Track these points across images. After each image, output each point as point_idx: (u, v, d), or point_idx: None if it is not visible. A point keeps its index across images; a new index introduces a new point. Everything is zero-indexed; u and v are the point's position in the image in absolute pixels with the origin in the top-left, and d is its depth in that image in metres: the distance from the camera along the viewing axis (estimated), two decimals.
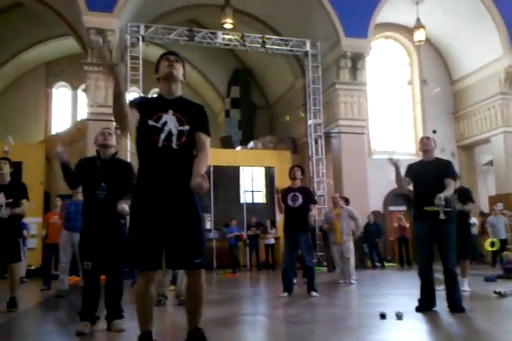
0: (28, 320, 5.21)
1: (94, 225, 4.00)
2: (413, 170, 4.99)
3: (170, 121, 2.72)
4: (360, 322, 4.28)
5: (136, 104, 2.76)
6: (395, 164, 4.84)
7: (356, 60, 14.78)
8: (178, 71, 2.82)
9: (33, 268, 11.53)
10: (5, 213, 5.19)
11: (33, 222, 11.34)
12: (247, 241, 13.76)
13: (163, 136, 2.69)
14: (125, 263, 4.10)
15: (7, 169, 5.42)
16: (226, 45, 14.43)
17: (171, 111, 2.75)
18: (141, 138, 2.72)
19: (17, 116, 17.18)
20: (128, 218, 4.17)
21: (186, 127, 2.74)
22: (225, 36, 14.15)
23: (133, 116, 2.66)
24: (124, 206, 3.83)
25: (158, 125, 2.70)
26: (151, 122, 2.70)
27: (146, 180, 2.70)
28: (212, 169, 13.09)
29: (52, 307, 6.21)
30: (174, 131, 2.71)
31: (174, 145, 2.70)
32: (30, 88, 18.07)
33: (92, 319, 3.96)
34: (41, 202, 12.81)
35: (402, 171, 4.97)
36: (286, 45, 14.69)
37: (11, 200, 5.28)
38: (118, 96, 2.53)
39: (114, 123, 12.72)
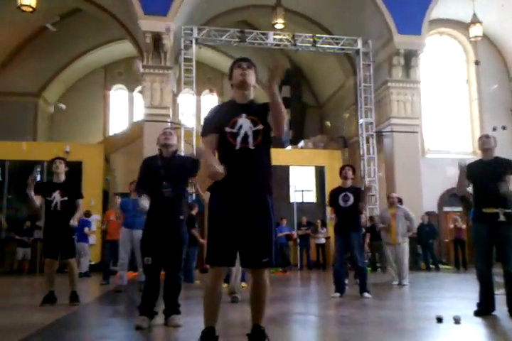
0: (90, 313, 5.46)
1: (157, 222, 4.13)
2: (472, 170, 4.84)
3: (244, 124, 2.83)
4: (415, 325, 4.21)
5: (211, 127, 2.87)
6: (463, 168, 4.72)
7: (409, 58, 14.47)
8: (251, 78, 2.90)
9: (92, 263, 12.01)
10: (59, 201, 5.45)
11: (92, 218, 11.84)
12: (298, 241, 13.78)
13: (239, 139, 2.80)
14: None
15: (62, 168, 5.66)
16: (277, 45, 14.50)
17: (244, 115, 2.85)
18: (220, 144, 2.84)
19: (77, 118, 17.93)
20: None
21: (260, 126, 2.83)
22: (276, 36, 14.24)
23: (213, 140, 2.84)
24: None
25: (234, 130, 2.81)
26: (227, 129, 2.82)
27: (225, 181, 2.78)
28: None
29: (112, 302, 6.42)
30: (249, 133, 2.81)
31: (251, 146, 2.80)
32: (89, 90, 18.80)
33: (151, 314, 4.07)
34: (100, 200, 13.33)
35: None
36: (337, 43, 14.60)
37: (65, 198, 5.51)
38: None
39: (169, 124, 13.15)
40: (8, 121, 16.04)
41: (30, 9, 12.51)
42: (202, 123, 3.02)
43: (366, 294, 6.20)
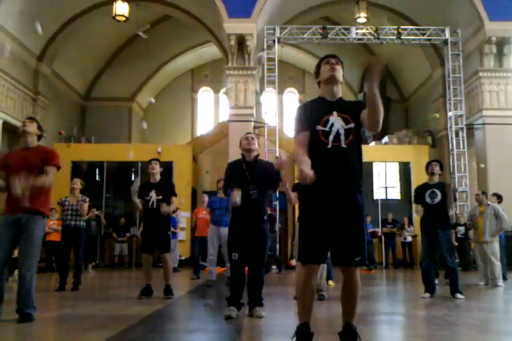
0: (183, 306, 5.74)
1: (242, 221, 4.39)
2: None
3: (336, 122, 2.83)
4: None
5: (303, 126, 2.87)
6: None
7: (502, 45, 13.66)
8: (339, 73, 2.90)
9: (182, 258, 12.56)
10: (155, 200, 5.82)
11: (182, 216, 12.39)
12: (382, 238, 13.51)
13: (331, 137, 2.80)
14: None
15: (157, 169, 6.01)
16: (360, 39, 14.28)
17: (335, 113, 2.85)
18: (312, 141, 2.82)
19: (167, 120, 18.83)
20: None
21: (352, 125, 2.83)
22: (359, 31, 14.02)
23: (305, 139, 2.83)
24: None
25: (326, 128, 2.82)
26: (319, 127, 2.82)
27: (317, 179, 2.77)
28: None
29: (202, 296, 6.70)
30: (341, 131, 2.81)
31: (343, 145, 2.80)
32: (178, 93, 19.65)
33: (238, 305, 4.36)
34: (189, 198, 13.91)
35: None
36: (423, 34, 14.11)
37: (161, 197, 5.86)
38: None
39: (252, 123, 13.43)
40: (105, 125, 17.25)
41: (124, 18, 13.34)
42: (286, 121, 3.05)
43: (459, 295, 5.96)
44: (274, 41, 13.96)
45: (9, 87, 13.30)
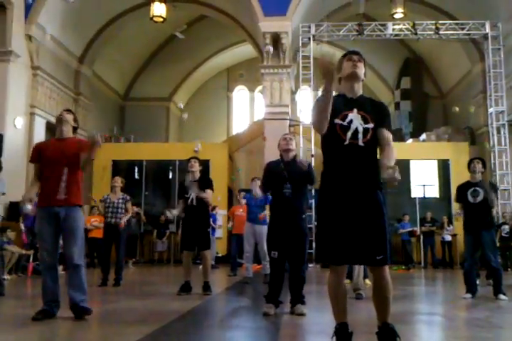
0: (221, 303, 5.84)
1: (280, 219, 4.51)
2: None
3: (355, 120, 2.79)
4: None
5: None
6: None
7: None
8: (361, 70, 2.88)
9: (219, 255, 12.71)
10: (195, 197, 5.87)
11: (219, 214, 12.54)
12: (421, 237, 13.29)
13: (349, 134, 2.76)
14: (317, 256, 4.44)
15: (197, 167, 6.12)
16: (396, 35, 14.06)
17: (355, 110, 2.81)
18: (329, 136, 2.78)
19: (204, 119, 19.06)
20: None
21: (371, 125, 2.79)
22: (396, 26, 13.82)
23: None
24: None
25: (345, 123, 2.77)
26: (337, 121, 2.77)
27: (333, 177, 2.78)
28: None
29: (240, 293, 6.79)
30: (360, 129, 2.77)
31: (360, 143, 2.76)
32: (214, 92, 19.90)
33: (276, 302, 4.44)
34: (225, 196, 14.05)
35: None
36: (463, 28, 13.77)
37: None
38: (329, 97, 2.65)
39: (287, 122, 13.42)
40: (143, 124, 17.62)
41: (161, 19, 13.54)
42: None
43: (502, 296, 5.81)
44: (309, 39, 13.91)
45: (52, 88, 13.72)
